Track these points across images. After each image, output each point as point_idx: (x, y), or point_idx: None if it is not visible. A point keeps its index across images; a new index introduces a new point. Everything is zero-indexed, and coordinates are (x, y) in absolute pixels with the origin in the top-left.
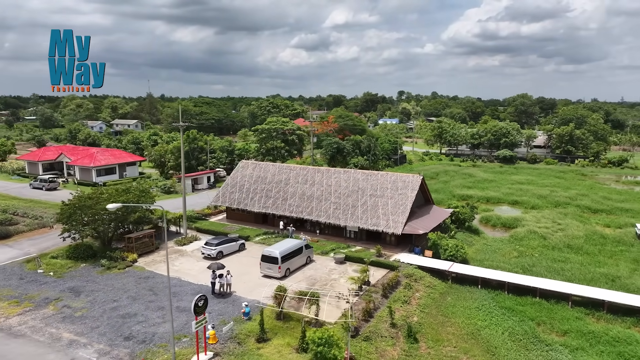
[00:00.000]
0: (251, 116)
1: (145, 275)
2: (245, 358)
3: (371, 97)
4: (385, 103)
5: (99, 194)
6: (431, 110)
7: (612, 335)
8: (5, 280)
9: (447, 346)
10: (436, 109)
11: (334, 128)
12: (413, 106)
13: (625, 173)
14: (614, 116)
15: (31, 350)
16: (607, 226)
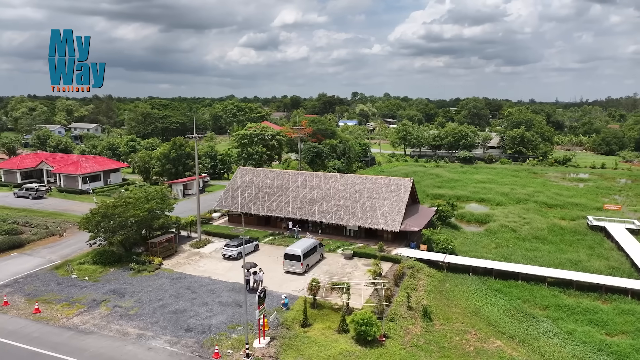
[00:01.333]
0: (213, 119)
1: (177, 276)
2: (297, 340)
3: (328, 99)
4: (342, 105)
5: (124, 203)
6: (386, 111)
7: (583, 307)
8: (45, 285)
9: (456, 323)
10: (391, 110)
11: (308, 132)
12: (369, 107)
13: (569, 171)
14: (554, 118)
15: (108, 344)
16: (563, 219)
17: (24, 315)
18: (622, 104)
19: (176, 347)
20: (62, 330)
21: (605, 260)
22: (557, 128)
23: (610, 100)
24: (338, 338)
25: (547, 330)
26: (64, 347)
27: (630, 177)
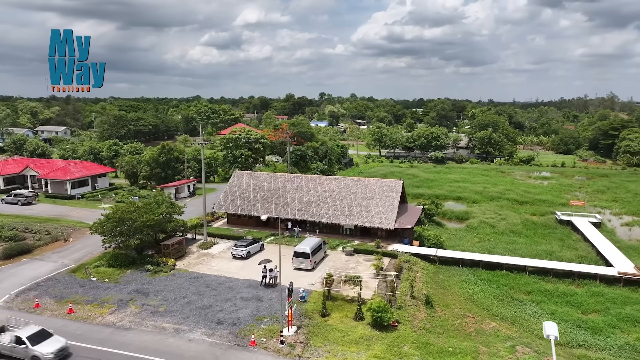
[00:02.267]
0: (185, 120)
1: (194, 276)
2: (320, 328)
3: (298, 100)
4: (312, 106)
5: (136, 208)
6: (355, 112)
7: (560, 291)
8: (68, 288)
9: (454, 308)
10: (359, 111)
11: (290, 135)
12: (338, 108)
13: (533, 169)
14: (515, 119)
15: (149, 338)
16: (534, 214)
17: (59, 316)
18: (574, 104)
19: (213, 338)
20: (101, 327)
21: (575, 250)
22: (518, 128)
23: (563, 101)
24: (356, 325)
25: (533, 311)
26: (110, 342)
27: (587, 175)
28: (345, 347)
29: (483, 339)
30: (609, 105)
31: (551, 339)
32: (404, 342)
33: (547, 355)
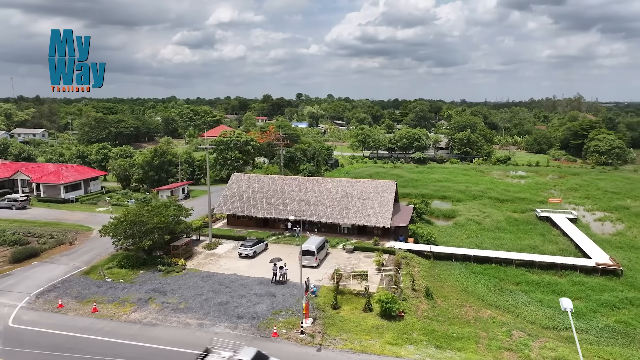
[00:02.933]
0: (165, 122)
1: (205, 275)
2: (334, 319)
3: (276, 101)
4: (290, 107)
5: (146, 211)
6: (333, 113)
7: (546, 282)
8: (86, 289)
9: (452, 299)
10: (338, 112)
11: (277, 137)
12: (317, 109)
13: (509, 169)
14: (490, 120)
15: (177, 332)
16: (515, 212)
17: (85, 315)
18: (543, 105)
19: (237, 331)
20: (128, 324)
21: (555, 244)
22: (492, 129)
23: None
24: (366, 316)
25: (523, 300)
26: (140, 337)
27: (560, 174)
28: (359, 335)
29: (481, 325)
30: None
31: (568, 311)
32: (411, 329)
33: (540, 338)
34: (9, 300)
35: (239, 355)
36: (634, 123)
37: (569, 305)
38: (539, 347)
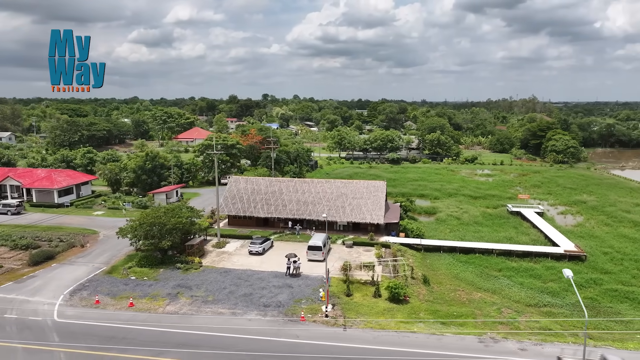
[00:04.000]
0: (135, 124)
1: (223, 271)
2: (349, 305)
3: (245, 102)
4: (259, 108)
5: (163, 213)
6: (302, 114)
7: (524, 268)
8: (114, 286)
9: (447, 285)
10: (306, 113)
11: (258, 140)
12: (286, 110)
13: (476, 168)
14: (454, 121)
15: (215, 320)
16: (488, 207)
17: (123, 309)
18: (500, 105)
19: (268, 317)
20: (167, 315)
21: (527, 235)
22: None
23: (490, 101)
24: (376, 301)
25: (507, 284)
26: (182, 325)
27: (523, 172)
28: (375, 317)
29: (475, 305)
30: (531, 106)
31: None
32: (418, 310)
33: (525, 313)
34: (44, 299)
35: None
36: (584, 124)
37: (570, 274)
38: (525, 320)
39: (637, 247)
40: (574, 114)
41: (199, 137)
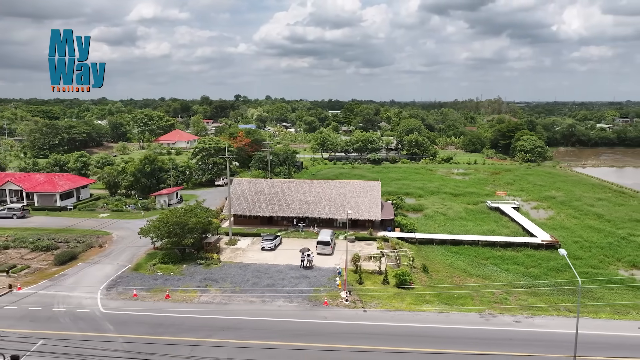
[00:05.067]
0: (113, 127)
1: (242, 265)
2: (363, 291)
3: (220, 104)
4: (234, 109)
5: (183, 214)
6: (277, 115)
7: (508, 256)
8: (145, 282)
9: (443, 272)
10: (281, 114)
11: (247, 142)
12: (261, 112)
13: (452, 167)
14: (427, 122)
15: (248, 307)
16: (468, 204)
17: (161, 300)
18: (467, 106)
19: (295, 303)
20: (204, 304)
21: (507, 228)
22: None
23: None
24: (386, 287)
25: (495, 270)
26: (220, 312)
27: (495, 170)
28: (387, 300)
29: (471, 289)
30: (496, 107)
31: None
32: (423, 294)
33: (514, 294)
34: (84, 294)
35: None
36: (548, 124)
37: (564, 252)
38: (515, 299)
39: (602, 236)
40: (537, 114)
41: (181, 140)
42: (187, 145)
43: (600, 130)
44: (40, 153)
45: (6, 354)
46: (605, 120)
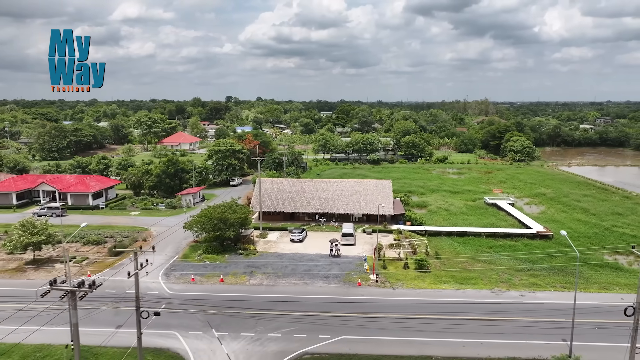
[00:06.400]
0: (114, 129)
1: (277, 255)
2: (388, 274)
3: (215, 105)
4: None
5: (223, 210)
6: (271, 117)
7: (508, 245)
8: (197, 269)
9: (453, 259)
10: (275, 116)
11: (255, 145)
12: (255, 113)
13: (447, 167)
14: (420, 123)
15: (294, 288)
16: (467, 200)
17: (217, 284)
18: (455, 107)
19: (333, 284)
20: (255, 287)
21: (505, 221)
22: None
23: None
24: (407, 271)
25: (498, 257)
26: (271, 292)
27: (488, 169)
28: (410, 281)
29: (478, 272)
30: (483, 108)
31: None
32: (440, 276)
33: (517, 275)
34: (147, 279)
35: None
36: (535, 125)
37: (564, 233)
38: (518, 279)
39: (588, 227)
40: (523, 115)
41: (184, 142)
42: (190, 147)
43: (583, 131)
44: (49, 155)
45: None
46: (588, 120)
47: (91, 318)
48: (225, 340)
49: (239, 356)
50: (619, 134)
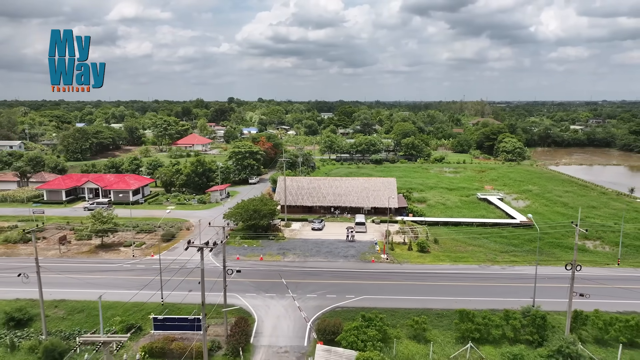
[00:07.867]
0: (129, 131)
1: (302, 240)
2: (395, 255)
3: (220, 107)
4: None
5: (258, 202)
6: (275, 118)
7: (495, 232)
8: (238, 251)
9: (449, 244)
10: (278, 117)
11: (269, 146)
12: (259, 115)
13: (444, 166)
14: (418, 124)
15: (321, 263)
16: (462, 196)
17: (258, 261)
18: (451, 107)
19: (351, 262)
20: (289, 262)
21: (494, 213)
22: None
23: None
24: (411, 252)
25: (486, 241)
26: (303, 266)
27: (481, 169)
28: (414, 259)
29: (470, 253)
30: (479, 108)
31: (531, 217)
32: (438, 256)
33: (501, 255)
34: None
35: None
36: (527, 127)
37: (530, 215)
38: (502, 258)
39: (565, 218)
40: (517, 115)
41: (198, 143)
42: (202, 149)
43: (572, 132)
44: (73, 156)
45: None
46: (580, 121)
47: (168, 285)
48: (274, 299)
49: (288, 309)
50: (605, 135)
